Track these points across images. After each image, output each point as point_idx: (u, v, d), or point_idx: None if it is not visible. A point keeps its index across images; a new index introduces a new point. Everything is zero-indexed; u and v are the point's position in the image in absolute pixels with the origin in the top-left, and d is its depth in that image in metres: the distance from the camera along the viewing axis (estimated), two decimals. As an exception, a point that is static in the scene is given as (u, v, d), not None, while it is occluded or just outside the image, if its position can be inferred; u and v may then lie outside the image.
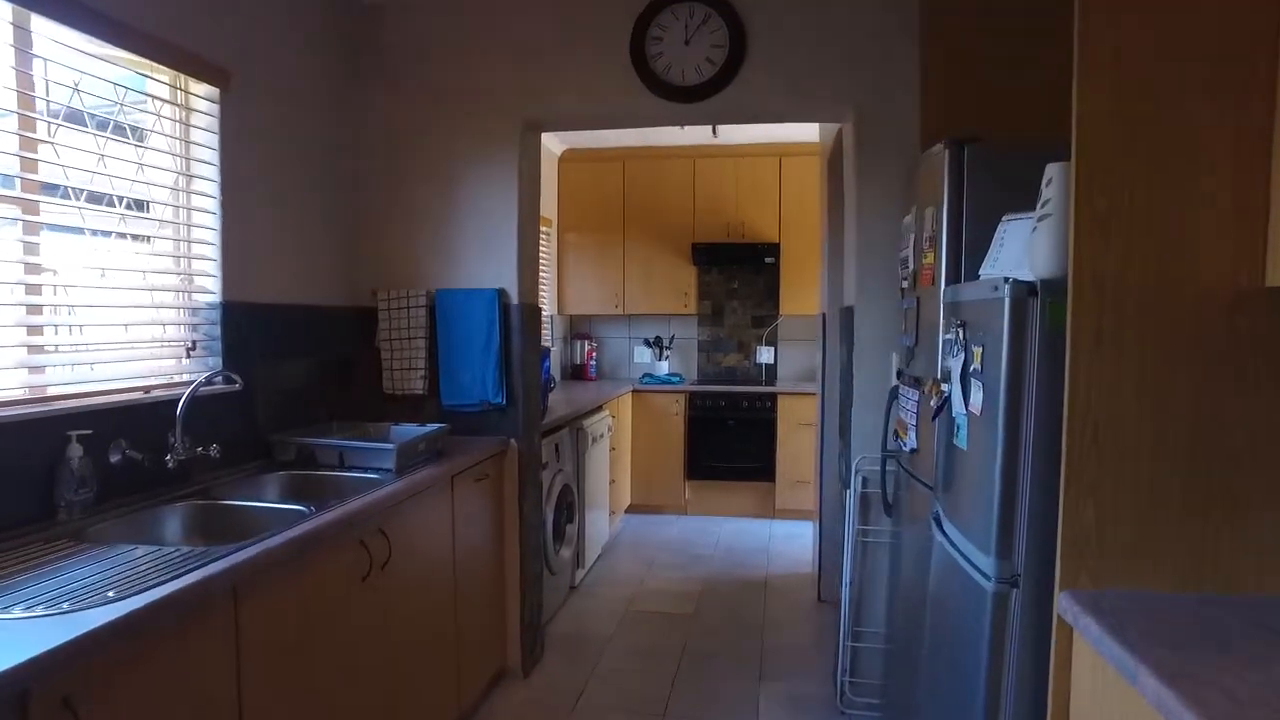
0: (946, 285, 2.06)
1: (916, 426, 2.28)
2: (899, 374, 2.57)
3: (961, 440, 1.68)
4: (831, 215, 3.96)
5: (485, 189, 3.08)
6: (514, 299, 3.07)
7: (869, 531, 2.90)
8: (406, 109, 3.13)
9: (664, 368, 6.24)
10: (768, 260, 5.88)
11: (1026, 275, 1.51)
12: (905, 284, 2.49)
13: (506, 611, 3.16)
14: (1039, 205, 1.49)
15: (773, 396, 5.70)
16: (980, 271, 1.84)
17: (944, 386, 1.84)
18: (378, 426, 2.88)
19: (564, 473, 3.89)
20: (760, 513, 5.80)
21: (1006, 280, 1.45)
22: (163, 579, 1.40)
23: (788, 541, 5.25)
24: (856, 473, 2.85)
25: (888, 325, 2.84)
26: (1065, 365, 1.33)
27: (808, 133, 5.48)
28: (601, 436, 4.61)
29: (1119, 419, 1.32)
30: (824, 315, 3.98)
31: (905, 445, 2.38)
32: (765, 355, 6.30)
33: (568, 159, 6.12)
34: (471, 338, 3.02)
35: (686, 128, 5.03)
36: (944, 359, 1.91)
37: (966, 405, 1.64)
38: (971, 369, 1.61)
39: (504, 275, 3.07)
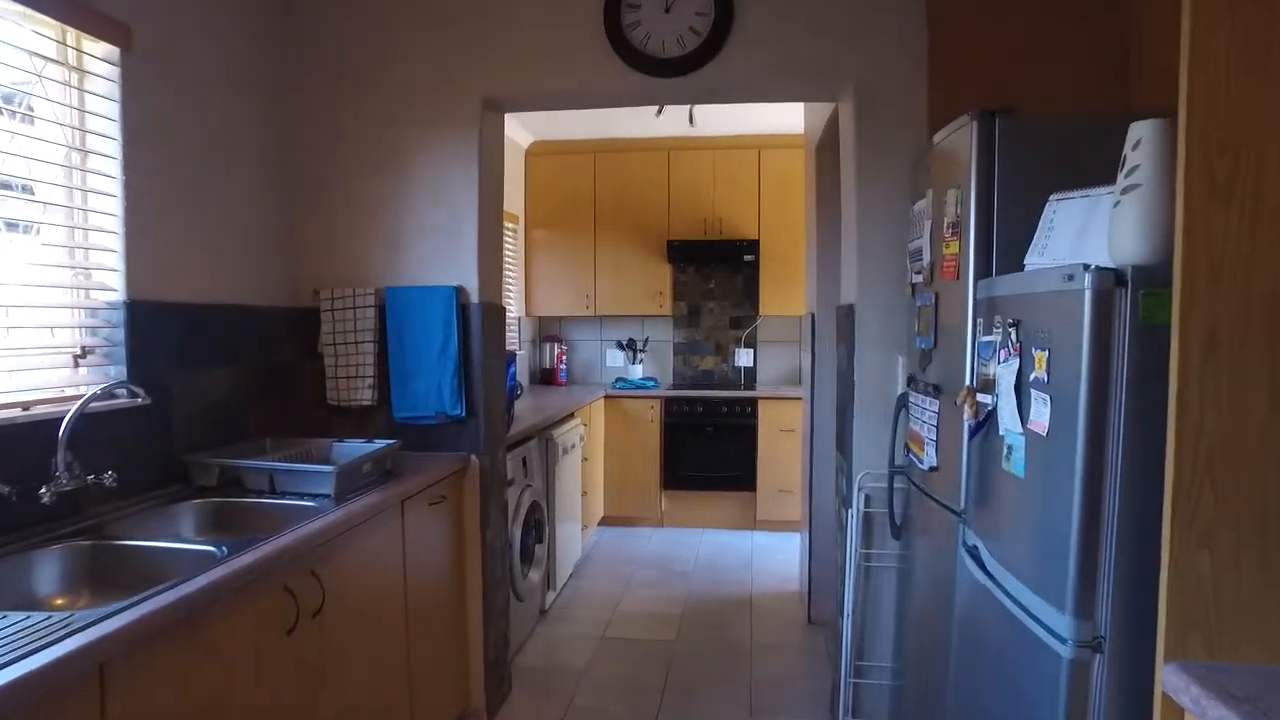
0: (978, 278, 1.77)
1: (937, 441, 1.99)
2: (910, 380, 2.28)
3: (1016, 465, 1.38)
4: (821, 208, 3.68)
5: (441, 175, 2.74)
6: (474, 297, 2.73)
7: (872, 555, 2.61)
8: (350, 85, 2.78)
9: (638, 372, 5.93)
10: (747, 258, 5.60)
11: (1103, 261, 1.22)
12: (918, 278, 2.20)
13: (469, 647, 2.82)
14: (1121, 174, 1.20)
15: (753, 401, 5.41)
16: (1026, 261, 1.55)
17: (984, 398, 1.55)
18: (319, 444, 2.53)
19: (532, 489, 3.55)
20: (740, 524, 5.51)
21: (1087, 268, 1.16)
22: (-6, 665, 1.05)
23: (771, 555, 4.96)
24: (859, 490, 2.56)
25: (893, 325, 2.56)
26: (1170, 375, 1.04)
27: (790, 123, 5.21)
28: (573, 447, 4.28)
29: (1241, 445, 1.03)
30: (813, 315, 3.70)
31: (921, 462, 2.09)
32: (744, 358, 6.02)
33: (535, 152, 5.79)
34: (426, 341, 2.68)
35: (662, 116, 4.72)
36: (980, 364, 1.62)
37: (1024, 422, 1.35)
38: (1032, 378, 1.31)
39: (463, 271, 2.73)
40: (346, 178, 2.79)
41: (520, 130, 5.51)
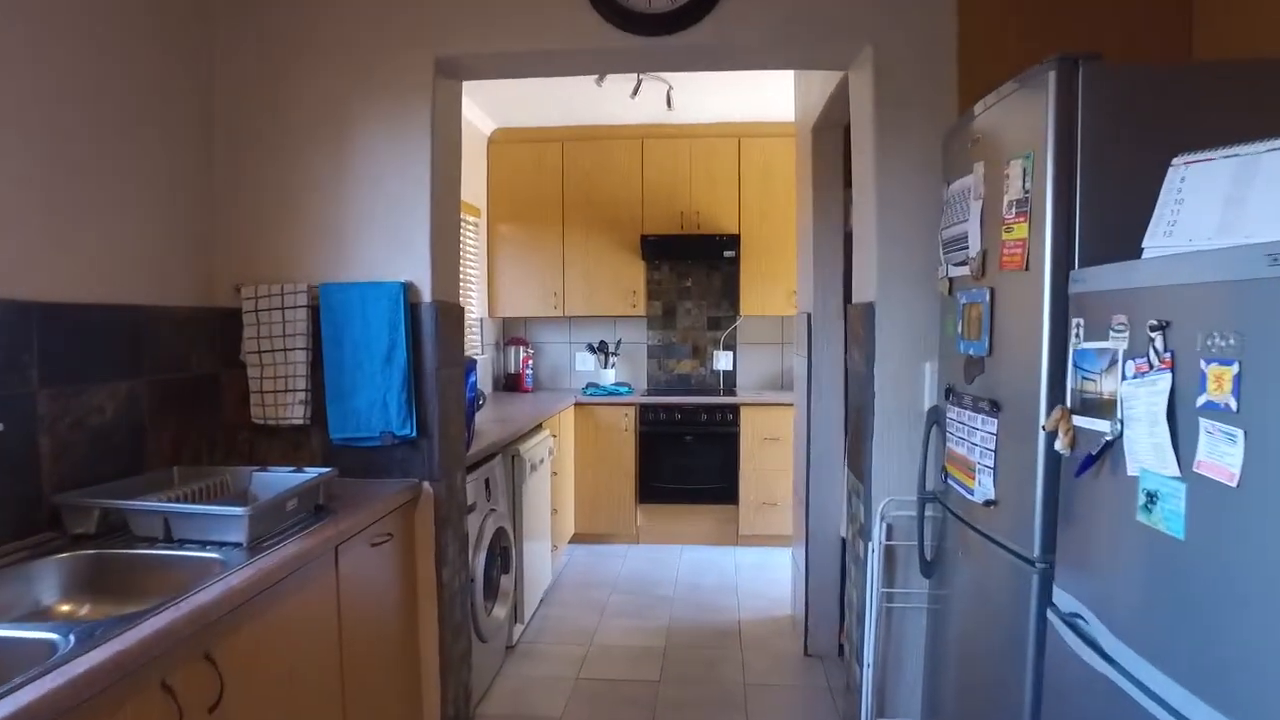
0: (1062, 266, 1.41)
1: (994, 469, 1.63)
2: (949, 392, 1.92)
3: (1168, 521, 1.02)
4: (819, 197, 3.31)
5: (388, 153, 2.32)
6: (426, 295, 2.31)
7: (895, 594, 2.24)
8: (277, 45, 2.35)
9: (610, 377, 5.52)
10: (727, 254, 5.22)
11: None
12: (961, 271, 1.84)
13: (424, 704, 2.39)
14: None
15: (734, 408, 5.04)
16: (1146, 243, 1.19)
17: (1087, 423, 1.18)
18: (237, 474, 2.09)
19: (496, 513, 3.13)
20: (722, 539, 5.14)
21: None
22: None
23: (757, 573, 4.59)
24: (880, 520, 2.19)
25: (919, 327, 2.20)
26: None
27: (775, 109, 4.86)
28: (541, 462, 3.86)
29: None
30: (808, 315, 3.34)
31: (971, 492, 1.73)
32: (723, 361, 5.65)
33: (499, 140, 5.35)
34: (368, 347, 2.25)
35: (638, 97, 4.33)
36: (1083, 378, 1.25)
37: (1181, 462, 0.98)
38: (1202, 402, 0.95)
39: (412, 265, 2.31)
40: (275, 154, 2.36)
41: (482, 116, 5.08)
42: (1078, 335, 1.26)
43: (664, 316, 5.67)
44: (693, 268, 5.61)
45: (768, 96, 4.69)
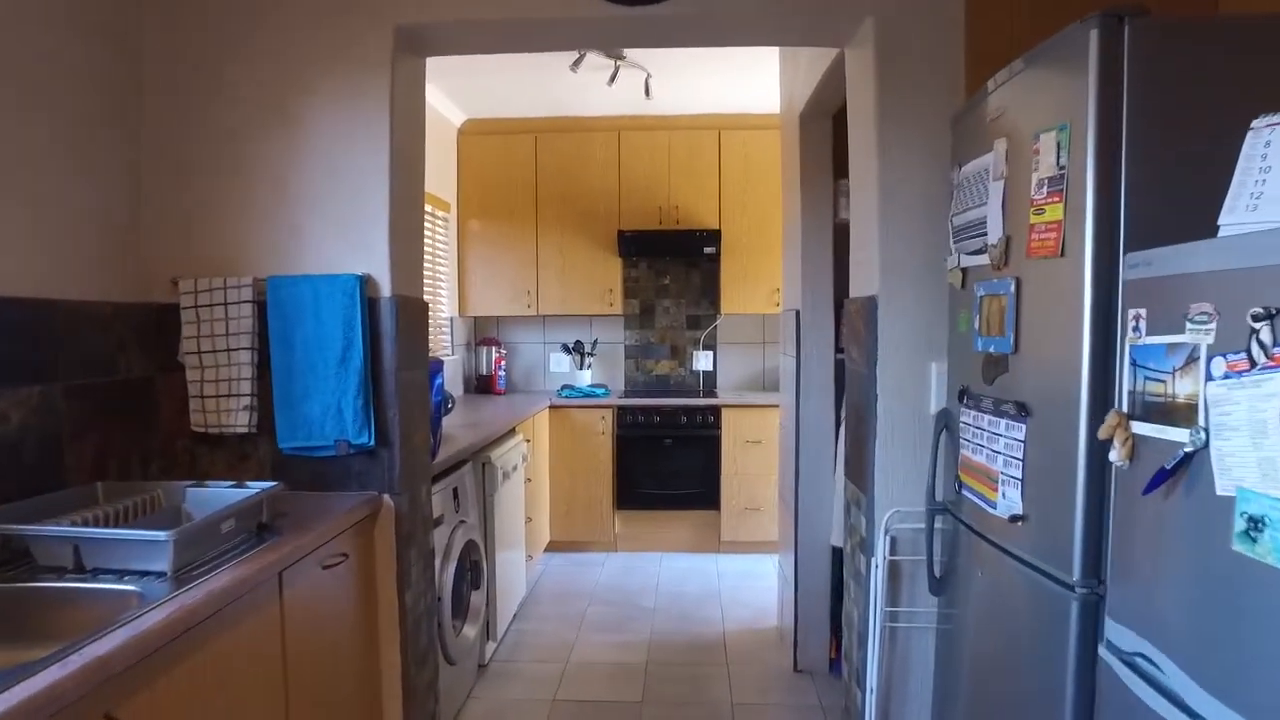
0: (1105, 250, 1.24)
1: (1022, 480, 1.45)
2: (962, 394, 1.75)
3: (1273, 551, 0.84)
4: (808, 189, 3.14)
5: (343, 134, 2.10)
6: (385, 290, 2.09)
7: (900, 614, 2.07)
8: (218, 13, 2.12)
9: (586, 378, 5.32)
10: (707, 250, 5.04)
11: None
12: (976, 260, 1.67)
13: (384, 740, 2.18)
14: None
15: (715, 410, 4.86)
16: (1222, 220, 1.02)
17: (1148, 430, 1.01)
18: (171, 489, 1.86)
19: (466, 525, 2.92)
20: (703, 546, 4.95)
21: None
22: None
23: (740, 582, 4.41)
24: (884, 533, 2.02)
25: (925, 323, 2.02)
26: None
27: (756, 100, 4.68)
28: (515, 469, 3.65)
29: None
30: (797, 313, 3.16)
31: (992, 506, 1.55)
32: (703, 361, 5.47)
33: (469, 131, 5.13)
34: (321, 347, 2.03)
35: (615, 84, 4.13)
36: (1149, 378, 1.08)
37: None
38: (1330, 409, 0.78)
39: (370, 257, 2.09)
40: (218, 135, 2.13)
41: (451, 106, 4.85)
42: (1137, 329, 1.09)
43: (642, 315, 5.48)
44: (671, 265, 5.42)
45: (750, 87, 4.52)
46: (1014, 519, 1.47)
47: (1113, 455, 1.10)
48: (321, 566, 1.82)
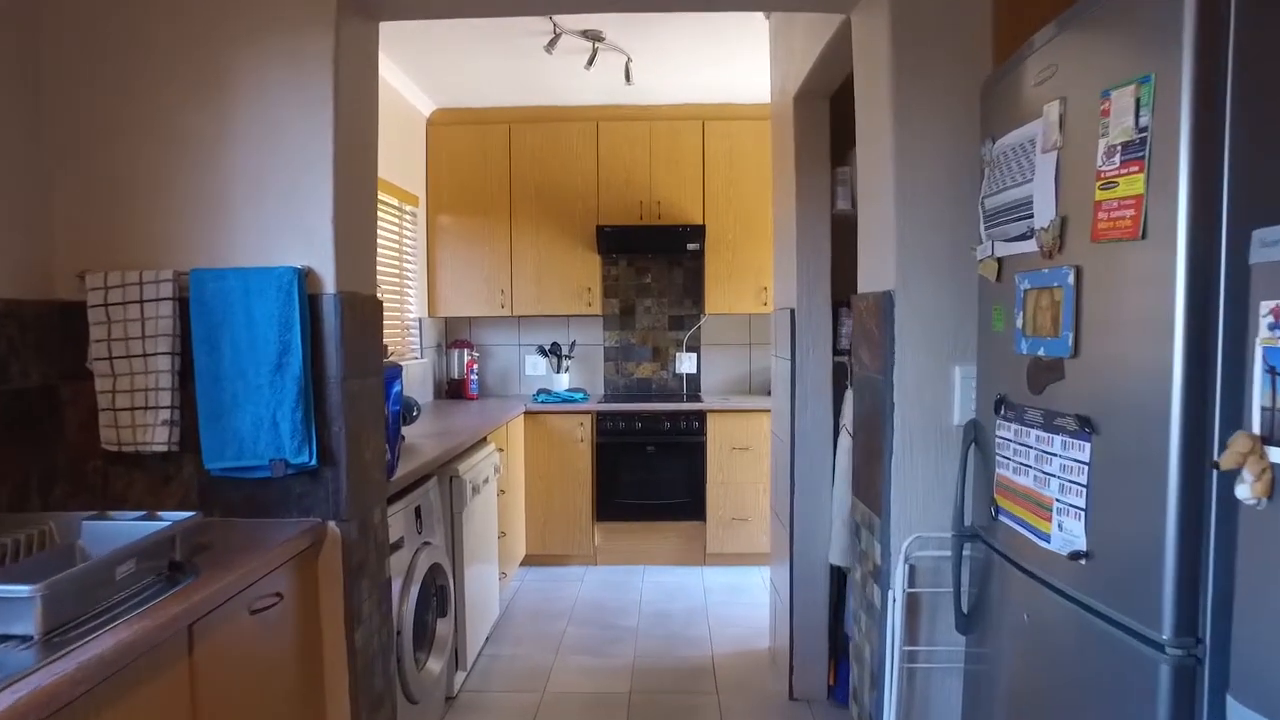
0: (1218, 227, 0.99)
1: (1087, 510, 1.21)
2: (999, 404, 1.50)
3: None
4: (804, 176, 2.89)
5: (279, 104, 1.82)
6: (328, 285, 1.81)
7: (919, 652, 1.82)
8: (136, -38, 1.83)
9: (564, 382, 5.05)
10: (690, 247, 4.79)
11: None
12: (1025, 246, 1.42)
13: (332, 800, 1.90)
14: None
15: (700, 415, 4.61)
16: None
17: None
18: (65, 522, 1.57)
19: (431, 547, 2.64)
20: (687, 559, 4.70)
21: None
22: None
23: (728, 597, 4.16)
24: (903, 561, 1.77)
25: (950, 321, 1.78)
26: None
27: (743, 91, 4.44)
28: (486, 482, 3.37)
29: None
30: (791, 311, 2.92)
31: (1046, 539, 1.31)
32: (686, 364, 5.22)
33: (439, 121, 4.84)
34: (253, 351, 1.75)
35: (593, 68, 3.87)
36: None
37: None
38: None
39: (311, 246, 1.81)
40: (131, 104, 1.83)
41: (419, 95, 4.56)
42: (1275, 326, 0.84)
43: (622, 316, 5.22)
44: (653, 262, 5.16)
45: (735, 75, 4.28)
46: (1075, 556, 1.23)
47: (1242, 491, 0.85)
48: (249, 611, 1.53)
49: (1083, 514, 1.22)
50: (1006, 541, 1.48)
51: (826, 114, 2.88)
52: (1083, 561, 1.21)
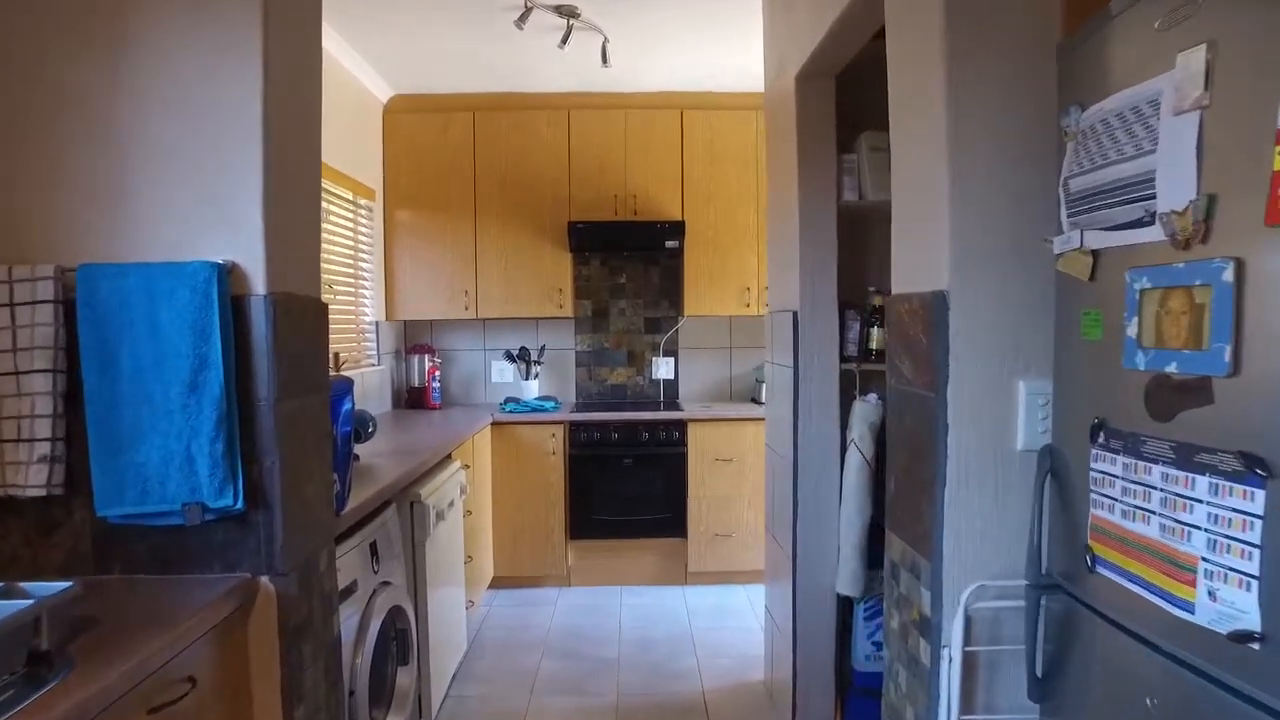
0: None
1: (1261, 577, 0.92)
2: (1097, 431, 1.21)
3: None
4: (805, 163, 2.60)
5: (192, 58, 1.46)
6: (257, 285, 1.46)
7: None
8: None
9: (532, 389, 4.70)
10: (669, 244, 4.48)
11: None
12: (1143, 235, 1.14)
13: None
14: None
15: (680, 424, 4.30)
16: None
17: None
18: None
19: (390, 588, 2.29)
20: (668, 579, 4.39)
21: None
22: None
23: (715, 621, 3.86)
24: (961, 612, 1.47)
25: (1013, 327, 1.50)
26: None
27: (724, 79, 4.15)
28: (452, 505, 3.02)
29: None
30: (794, 314, 2.63)
31: (1189, 609, 1.02)
32: (664, 369, 4.91)
33: (397, 109, 4.46)
34: (160, 368, 1.39)
35: (568, 47, 3.53)
36: None
37: None
38: None
39: (235, 237, 1.46)
40: (12, 55, 1.46)
41: (375, 79, 4.18)
42: None
43: (595, 318, 4.89)
44: (628, 261, 4.84)
45: (717, 61, 3.99)
46: (1240, 638, 0.94)
47: None
48: (147, 711, 1.18)
49: (1253, 583, 0.93)
50: (1111, 601, 1.20)
51: (833, 95, 2.60)
52: (1255, 645, 0.93)
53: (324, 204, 3.57)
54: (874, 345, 2.73)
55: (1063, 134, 1.33)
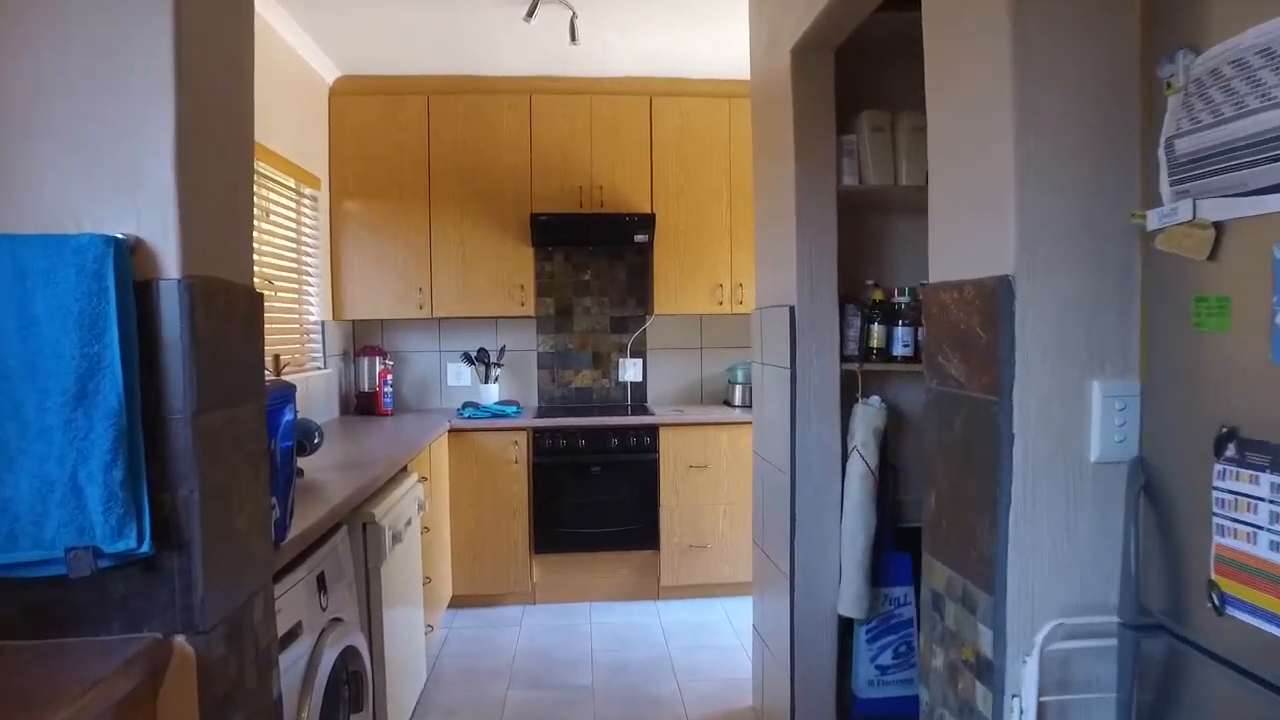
0: None
1: None
2: (1224, 441, 0.99)
3: None
4: (802, 144, 2.37)
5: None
6: (169, 267, 1.15)
7: (1048, 779, 1.30)
8: None
9: (492, 393, 4.39)
10: (637, 239, 4.23)
11: None
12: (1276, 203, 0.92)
13: None
14: None
15: (652, 430, 4.05)
16: None
17: None
18: None
19: (342, 625, 1.97)
20: (640, 594, 4.13)
21: None
22: None
23: (692, 640, 3.61)
24: (1037, 652, 1.24)
25: (1085, 317, 1.27)
26: None
27: (696, 64, 3.90)
28: (409, 524, 2.70)
29: None
30: (791, 309, 2.39)
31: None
32: (631, 370, 4.65)
33: (344, 91, 4.11)
34: (31, 372, 1.07)
35: (534, 20, 3.25)
36: None
37: None
38: None
39: (136, 202, 1.15)
40: None
41: (321, 58, 3.84)
42: None
43: (558, 317, 4.60)
44: (594, 256, 4.57)
45: (688, 43, 3.74)
46: None
47: None
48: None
49: None
50: (1246, 646, 0.98)
51: (832, 69, 2.37)
52: None
53: (265, 192, 3.22)
54: (875, 344, 2.51)
55: (1164, 87, 1.11)
